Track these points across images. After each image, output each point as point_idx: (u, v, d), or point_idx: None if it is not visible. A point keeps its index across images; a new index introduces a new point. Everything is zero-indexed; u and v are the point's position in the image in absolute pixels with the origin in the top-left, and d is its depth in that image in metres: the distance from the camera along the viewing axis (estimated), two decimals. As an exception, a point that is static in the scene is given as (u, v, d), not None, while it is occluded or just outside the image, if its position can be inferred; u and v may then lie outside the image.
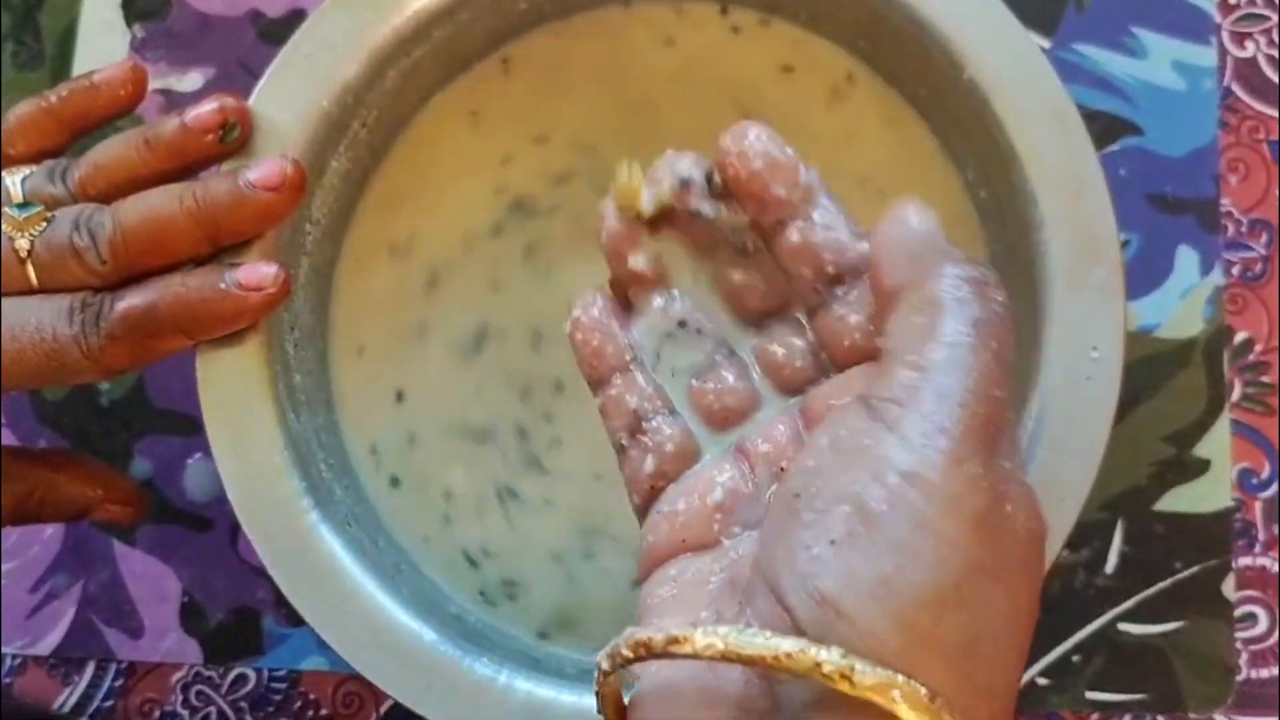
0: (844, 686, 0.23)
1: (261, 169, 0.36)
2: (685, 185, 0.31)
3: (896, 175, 0.43)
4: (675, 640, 0.25)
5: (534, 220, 0.44)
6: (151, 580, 0.47)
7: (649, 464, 0.32)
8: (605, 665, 0.27)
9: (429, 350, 0.44)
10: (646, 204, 0.31)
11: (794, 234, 0.30)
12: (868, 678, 0.23)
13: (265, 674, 0.47)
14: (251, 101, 0.39)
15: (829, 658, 0.23)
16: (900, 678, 0.23)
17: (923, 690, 0.23)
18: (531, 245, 0.44)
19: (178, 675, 0.47)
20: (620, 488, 0.33)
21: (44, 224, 0.36)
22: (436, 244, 0.44)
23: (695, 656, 0.24)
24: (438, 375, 0.43)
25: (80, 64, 0.51)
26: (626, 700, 0.28)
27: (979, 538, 0.24)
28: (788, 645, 0.23)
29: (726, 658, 0.24)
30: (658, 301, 0.33)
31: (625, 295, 0.34)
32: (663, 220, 0.32)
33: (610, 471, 0.34)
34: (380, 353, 0.43)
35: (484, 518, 0.43)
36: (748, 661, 0.24)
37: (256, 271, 0.36)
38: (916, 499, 0.24)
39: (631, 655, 0.26)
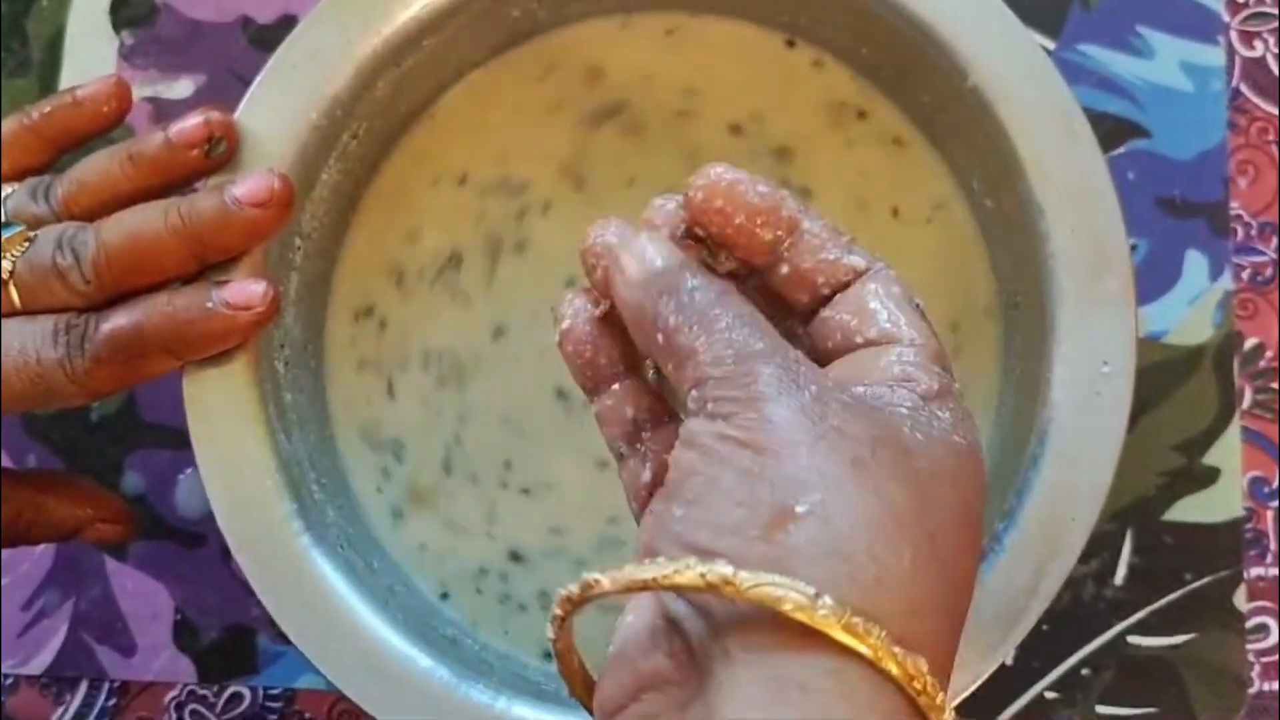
0: (729, 592, 0.25)
1: (248, 184, 0.36)
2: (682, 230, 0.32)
3: (896, 187, 0.42)
4: (589, 585, 0.27)
5: (532, 228, 0.43)
6: (144, 597, 0.47)
7: (647, 472, 0.32)
8: (550, 633, 0.29)
9: (426, 363, 0.43)
10: None
11: (784, 267, 0.31)
12: (749, 581, 0.24)
13: (260, 692, 0.46)
14: (238, 115, 0.38)
15: (713, 568, 0.25)
16: (779, 578, 0.24)
17: (805, 587, 0.24)
18: (535, 251, 0.43)
19: (171, 694, 0.47)
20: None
21: (26, 244, 0.35)
22: (432, 255, 0.43)
23: (605, 594, 0.26)
24: (434, 394, 0.43)
25: (68, 70, 0.50)
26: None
27: (806, 455, 0.26)
28: (676, 564, 0.25)
29: (630, 588, 0.26)
30: None
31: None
32: None
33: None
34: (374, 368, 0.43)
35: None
36: (644, 586, 0.26)
37: (245, 290, 0.36)
38: (738, 451, 0.26)
39: (562, 612, 0.28)
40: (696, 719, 0.26)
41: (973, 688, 0.35)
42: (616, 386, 0.33)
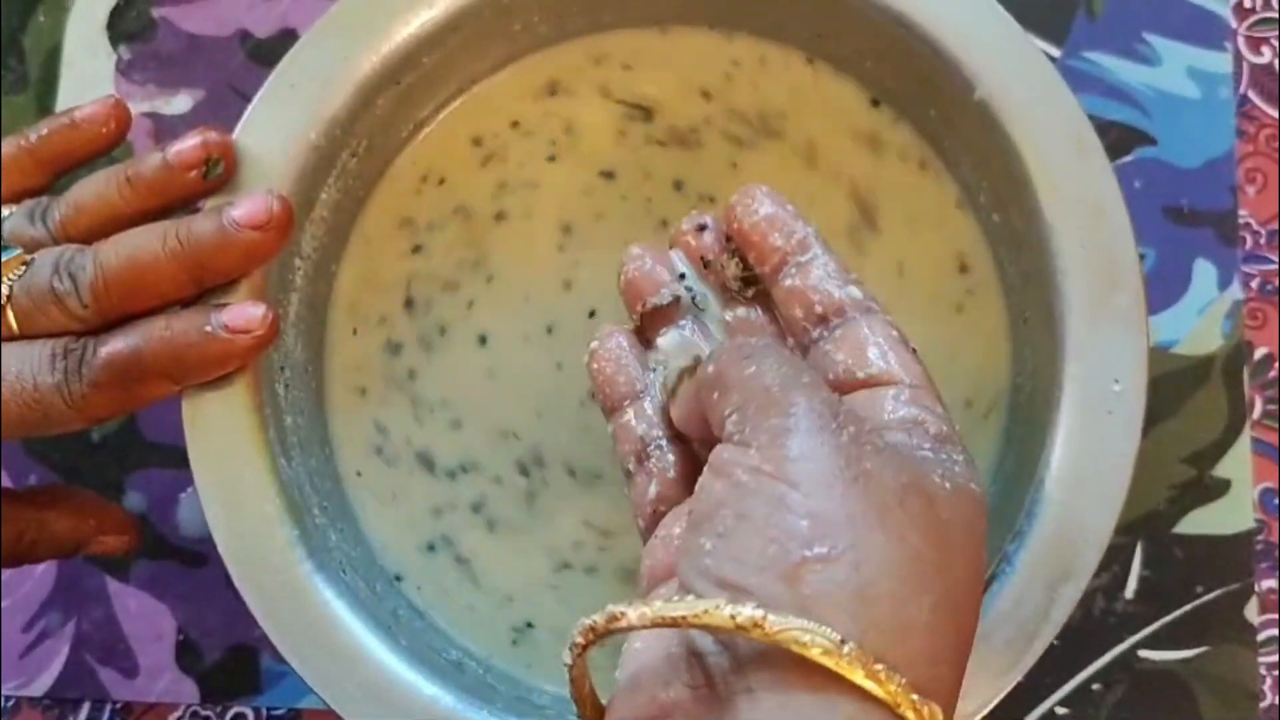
0: (757, 635, 0.25)
1: (246, 206, 0.35)
2: (701, 229, 0.37)
3: (903, 200, 0.42)
4: (614, 617, 0.27)
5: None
6: (146, 618, 0.47)
7: (652, 489, 0.34)
8: (567, 659, 0.29)
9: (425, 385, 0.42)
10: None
11: (788, 279, 0.34)
12: (777, 625, 0.25)
13: (264, 713, 0.46)
14: (236, 134, 0.38)
15: (742, 610, 0.25)
16: (806, 622, 0.25)
17: (830, 633, 0.25)
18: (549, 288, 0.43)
19: (174, 716, 0.46)
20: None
21: (23, 267, 0.35)
22: (433, 277, 0.43)
23: (632, 628, 0.27)
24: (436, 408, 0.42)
25: (65, 86, 0.50)
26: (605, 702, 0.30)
27: (838, 497, 0.27)
28: (705, 604, 0.26)
29: (657, 624, 0.27)
30: (673, 332, 0.36)
31: (644, 336, 0.37)
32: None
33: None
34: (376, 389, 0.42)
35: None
36: (674, 624, 0.26)
37: (244, 313, 0.35)
38: (769, 484, 0.27)
39: (584, 641, 0.28)
40: None
41: (983, 713, 0.34)
42: (630, 406, 0.35)
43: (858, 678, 0.25)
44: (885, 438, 0.29)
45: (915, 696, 0.25)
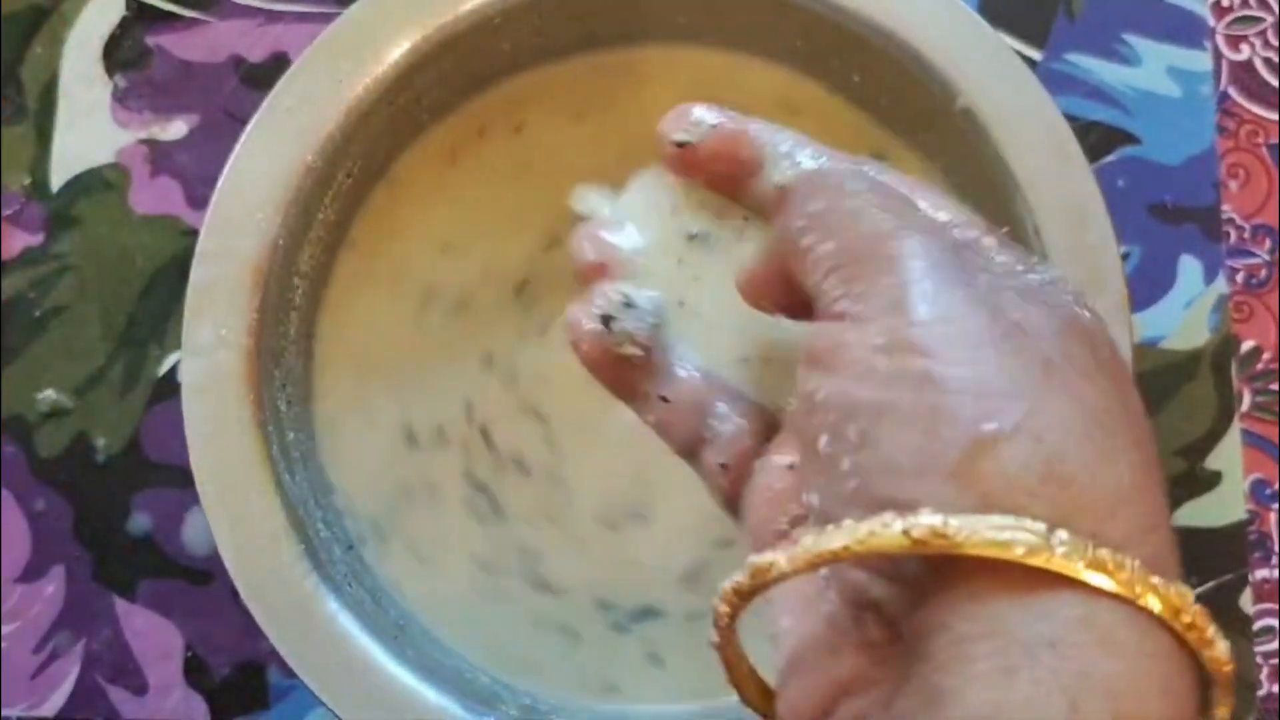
0: (940, 546, 0.20)
1: None
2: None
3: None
4: (762, 570, 0.22)
5: (524, 259, 0.43)
6: (154, 636, 0.47)
7: (727, 453, 0.28)
8: (714, 638, 0.24)
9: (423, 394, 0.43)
10: None
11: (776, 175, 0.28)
12: (963, 528, 0.20)
13: (273, 727, 0.46)
14: (234, 158, 0.38)
15: (918, 521, 0.20)
16: (1000, 518, 0.20)
17: (1033, 524, 0.20)
18: (521, 284, 0.43)
19: (184, 732, 0.47)
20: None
21: None
22: (424, 285, 0.43)
23: (785, 577, 0.22)
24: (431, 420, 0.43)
25: (63, 116, 0.50)
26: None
27: (993, 359, 0.21)
28: (868, 525, 0.20)
29: (816, 564, 0.21)
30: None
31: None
32: None
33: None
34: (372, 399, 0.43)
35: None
36: (835, 558, 0.21)
37: None
38: (899, 365, 0.21)
39: (729, 609, 0.23)
40: (911, 713, 0.21)
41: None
42: (656, 380, 0.29)
43: (1079, 571, 0.19)
44: (1018, 274, 0.23)
45: (1156, 580, 0.20)
